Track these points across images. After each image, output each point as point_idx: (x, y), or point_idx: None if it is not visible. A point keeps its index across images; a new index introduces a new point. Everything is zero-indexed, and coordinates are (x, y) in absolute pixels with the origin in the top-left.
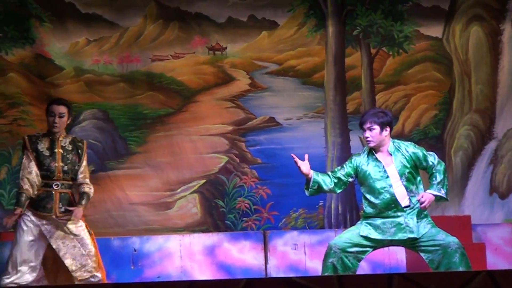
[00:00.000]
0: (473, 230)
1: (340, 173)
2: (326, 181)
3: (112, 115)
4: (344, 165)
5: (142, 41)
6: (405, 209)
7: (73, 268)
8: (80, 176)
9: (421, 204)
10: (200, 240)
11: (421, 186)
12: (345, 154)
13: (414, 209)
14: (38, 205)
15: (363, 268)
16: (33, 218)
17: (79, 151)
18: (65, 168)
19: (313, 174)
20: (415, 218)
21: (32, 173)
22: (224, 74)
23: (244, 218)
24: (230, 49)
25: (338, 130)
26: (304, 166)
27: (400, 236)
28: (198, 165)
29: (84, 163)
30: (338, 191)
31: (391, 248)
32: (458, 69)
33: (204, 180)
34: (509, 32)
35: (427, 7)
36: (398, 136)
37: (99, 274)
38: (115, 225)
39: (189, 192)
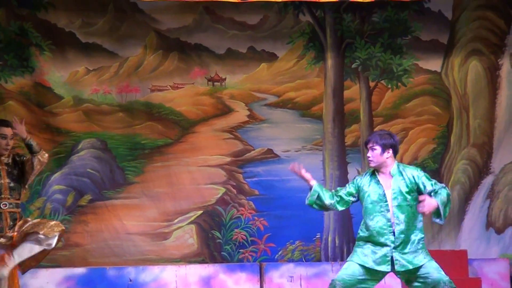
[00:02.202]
0: (470, 265)
1: (342, 192)
2: (327, 195)
3: (110, 144)
4: (347, 185)
5: (141, 71)
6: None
7: None
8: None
9: (420, 207)
10: (196, 271)
11: (417, 221)
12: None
13: (404, 242)
14: None
15: None
16: None
17: (20, 164)
18: (11, 184)
19: (315, 184)
20: (406, 252)
21: None
22: (223, 105)
23: (240, 250)
24: (229, 80)
25: (336, 163)
26: (306, 173)
27: (384, 268)
28: (195, 195)
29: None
30: (340, 208)
31: (387, 281)
32: (456, 103)
33: (201, 211)
34: (507, 66)
35: (426, 41)
36: None
37: None
38: (112, 254)
39: (186, 223)
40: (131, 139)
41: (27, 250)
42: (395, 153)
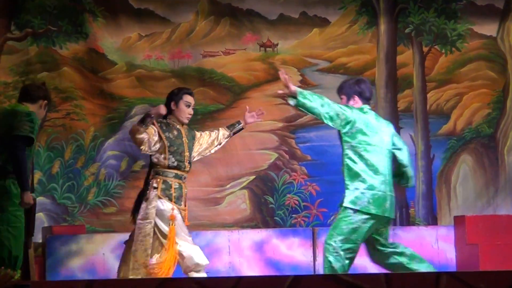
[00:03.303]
0: None
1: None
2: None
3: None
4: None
5: (193, 37)
6: None
7: None
8: None
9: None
10: (248, 236)
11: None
12: None
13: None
14: (171, 196)
15: None
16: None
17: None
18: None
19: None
20: None
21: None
22: (275, 70)
23: (293, 215)
24: (281, 46)
25: None
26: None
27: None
28: (247, 161)
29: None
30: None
31: (440, 246)
32: None
33: (254, 176)
34: None
35: (482, 5)
36: (450, 134)
37: None
38: None
39: (239, 188)
40: None
41: None
42: (363, 100)
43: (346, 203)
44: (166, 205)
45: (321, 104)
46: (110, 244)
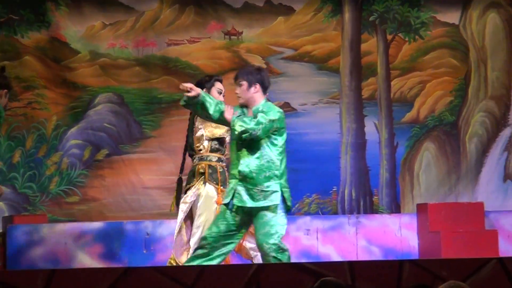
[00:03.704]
0: (486, 217)
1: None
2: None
3: (127, 99)
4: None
5: (158, 25)
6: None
7: None
8: None
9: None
10: None
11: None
12: (360, 140)
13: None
14: (218, 180)
15: (375, 253)
16: None
17: None
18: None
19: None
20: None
21: None
22: (240, 59)
23: None
24: (246, 34)
25: (353, 116)
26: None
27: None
28: None
29: None
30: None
31: (403, 234)
32: (474, 56)
33: None
34: None
35: None
36: (413, 122)
37: None
38: (129, 209)
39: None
40: (147, 93)
41: None
42: (264, 89)
43: (277, 201)
44: (212, 190)
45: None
46: (72, 234)
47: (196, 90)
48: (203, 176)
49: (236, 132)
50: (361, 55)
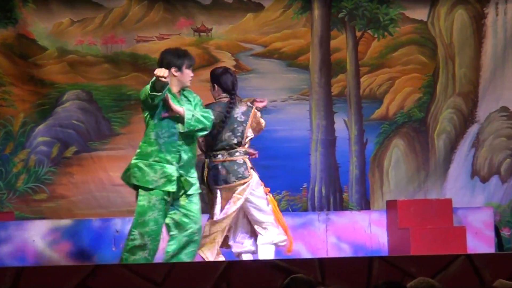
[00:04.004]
0: (454, 214)
1: None
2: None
3: (96, 96)
4: None
5: (126, 22)
6: None
7: None
8: None
9: None
10: None
11: None
12: (330, 137)
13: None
14: None
15: (345, 250)
16: None
17: None
18: None
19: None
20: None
21: None
22: (209, 55)
23: None
24: (216, 31)
25: (323, 113)
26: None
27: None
28: None
29: None
30: None
31: (373, 230)
32: (442, 52)
33: None
34: (492, 15)
35: None
36: (383, 119)
37: None
38: (98, 206)
39: None
40: (116, 90)
41: None
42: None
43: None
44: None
45: None
46: (40, 231)
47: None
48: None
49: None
50: (331, 52)
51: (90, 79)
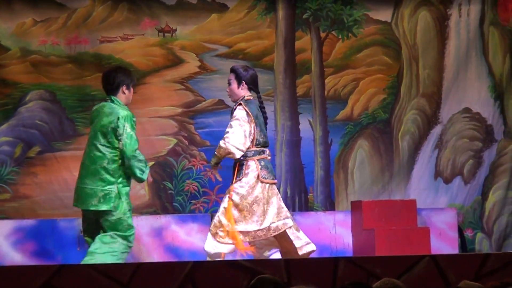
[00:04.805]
0: (418, 214)
1: None
2: None
3: (59, 96)
4: None
5: (90, 22)
6: None
7: None
8: None
9: None
10: (147, 222)
11: None
12: (295, 138)
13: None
14: None
15: None
16: None
17: None
18: None
19: None
20: None
21: None
22: (174, 56)
23: (192, 201)
24: (180, 31)
25: (288, 113)
26: None
27: None
28: (146, 147)
29: None
30: None
31: (338, 231)
32: (406, 54)
33: (153, 162)
34: (455, 17)
35: None
36: (347, 119)
37: None
38: (62, 206)
39: None
40: (80, 91)
41: None
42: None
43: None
44: None
45: None
46: (3, 231)
47: None
48: None
49: None
50: (295, 53)
51: (53, 79)
